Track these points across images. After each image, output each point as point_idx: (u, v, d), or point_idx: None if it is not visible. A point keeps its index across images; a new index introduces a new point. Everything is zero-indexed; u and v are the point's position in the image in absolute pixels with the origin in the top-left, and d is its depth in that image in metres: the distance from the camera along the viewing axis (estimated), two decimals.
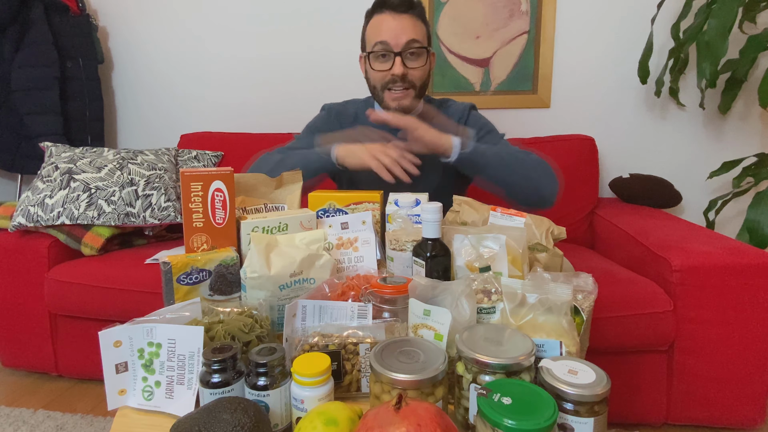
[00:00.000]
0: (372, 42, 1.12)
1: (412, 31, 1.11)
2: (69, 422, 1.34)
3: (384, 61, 1.12)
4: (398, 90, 1.13)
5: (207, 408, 0.48)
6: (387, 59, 1.12)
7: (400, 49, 1.10)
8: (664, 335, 1.18)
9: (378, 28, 1.12)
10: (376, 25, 1.13)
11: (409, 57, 1.11)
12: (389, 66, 1.11)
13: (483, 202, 0.88)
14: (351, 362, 0.59)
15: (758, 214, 1.32)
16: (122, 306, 1.39)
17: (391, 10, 1.11)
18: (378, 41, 1.10)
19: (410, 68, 1.12)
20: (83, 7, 2.02)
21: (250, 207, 0.88)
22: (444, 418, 0.43)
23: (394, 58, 1.10)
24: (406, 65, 1.11)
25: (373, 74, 1.15)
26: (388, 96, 1.15)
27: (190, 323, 0.62)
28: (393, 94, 1.14)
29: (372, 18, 1.15)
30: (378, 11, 1.13)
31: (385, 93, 1.15)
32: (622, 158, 1.89)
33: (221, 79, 2.14)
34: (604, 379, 0.49)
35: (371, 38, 1.13)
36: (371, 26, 1.15)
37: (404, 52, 1.10)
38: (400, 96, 1.14)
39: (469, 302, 0.59)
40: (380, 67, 1.13)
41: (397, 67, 1.10)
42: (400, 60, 1.10)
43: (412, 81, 1.13)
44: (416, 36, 1.11)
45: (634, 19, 1.80)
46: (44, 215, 1.47)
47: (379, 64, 1.13)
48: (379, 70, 1.13)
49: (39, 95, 1.87)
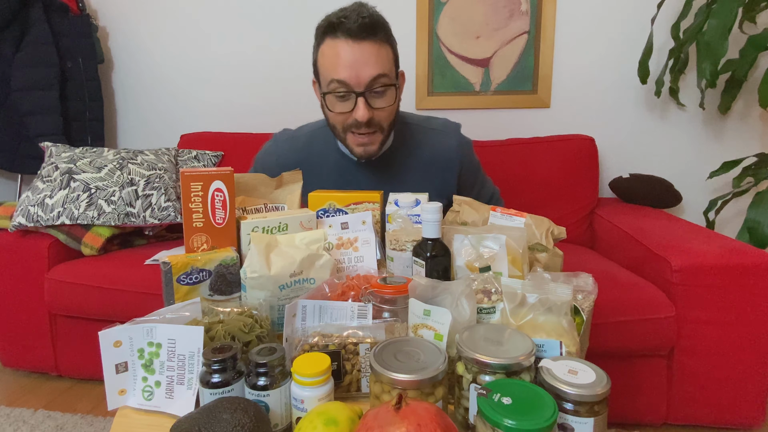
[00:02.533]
0: (327, 78, 0.91)
1: (376, 63, 0.88)
2: (69, 422, 1.34)
3: (343, 101, 0.92)
4: (363, 134, 0.94)
5: (207, 408, 0.48)
6: (347, 99, 0.91)
7: (363, 89, 0.89)
8: (665, 340, 1.18)
9: (333, 61, 0.89)
10: (330, 55, 0.90)
11: (374, 96, 0.91)
12: (350, 107, 0.91)
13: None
14: (351, 362, 0.59)
15: (758, 214, 1.32)
16: (122, 306, 1.39)
17: (347, 36, 0.87)
18: (334, 78, 0.89)
19: (376, 108, 0.92)
20: (83, 7, 2.03)
21: (250, 207, 0.88)
22: (444, 418, 0.43)
23: (356, 100, 0.90)
24: (371, 106, 0.91)
25: (332, 116, 0.95)
26: (352, 140, 0.96)
27: (190, 323, 0.62)
28: (358, 139, 0.95)
29: (324, 42, 0.91)
30: (330, 34, 0.89)
31: (348, 136, 0.96)
32: (622, 158, 1.89)
33: (221, 79, 2.14)
34: (604, 379, 0.49)
35: (325, 72, 0.92)
36: (324, 54, 0.92)
37: (368, 92, 0.90)
38: (366, 141, 0.96)
39: (469, 302, 0.59)
40: (340, 108, 0.93)
41: (360, 111, 0.90)
42: (364, 101, 0.90)
43: (379, 123, 0.94)
44: (382, 69, 0.89)
45: (634, 19, 1.80)
46: (44, 215, 1.47)
47: (338, 105, 0.93)
48: (339, 112, 0.93)
49: (39, 95, 1.87)
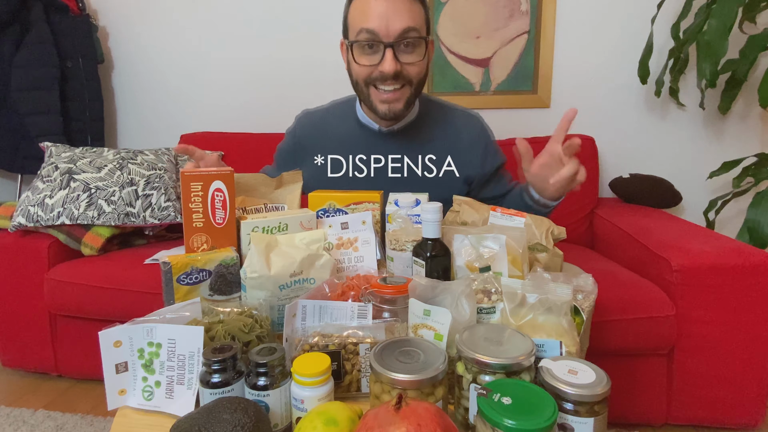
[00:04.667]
0: (356, 28, 0.90)
1: (408, 16, 0.88)
2: (69, 422, 1.34)
3: (371, 53, 0.91)
4: (388, 89, 0.92)
5: (207, 408, 0.48)
6: (375, 51, 0.90)
7: (392, 40, 0.88)
8: (665, 339, 1.18)
9: (364, 10, 0.88)
10: (361, 7, 0.89)
11: (403, 49, 0.90)
12: (377, 60, 0.90)
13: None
14: (351, 362, 0.59)
15: (758, 214, 1.32)
16: (122, 306, 1.39)
17: None
18: (363, 28, 0.88)
19: (405, 63, 0.90)
20: (83, 7, 2.02)
21: (250, 207, 0.88)
22: (444, 418, 0.43)
23: (384, 51, 0.89)
24: (399, 60, 0.89)
25: (357, 68, 0.93)
26: (376, 96, 0.94)
27: (190, 323, 0.62)
28: (382, 95, 0.94)
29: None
30: None
31: (371, 91, 0.95)
32: (622, 158, 1.89)
33: (221, 79, 2.14)
34: (604, 379, 0.49)
35: (355, 23, 0.91)
36: (355, 7, 0.91)
37: (397, 44, 0.88)
38: (392, 98, 0.93)
39: (469, 302, 0.59)
40: (366, 60, 0.91)
41: (387, 63, 0.88)
42: (392, 53, 0.88)
43: (408, 77, 0.92)
44: (413, 23, 0.88)
45: (634, 19, 1.80)
46: (44, 215, 1.47)
47: (364, 57, 0.91)
48: (365, 65, 0.92)
49: (39, 95, 1.87)
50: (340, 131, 1.09)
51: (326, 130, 1.09)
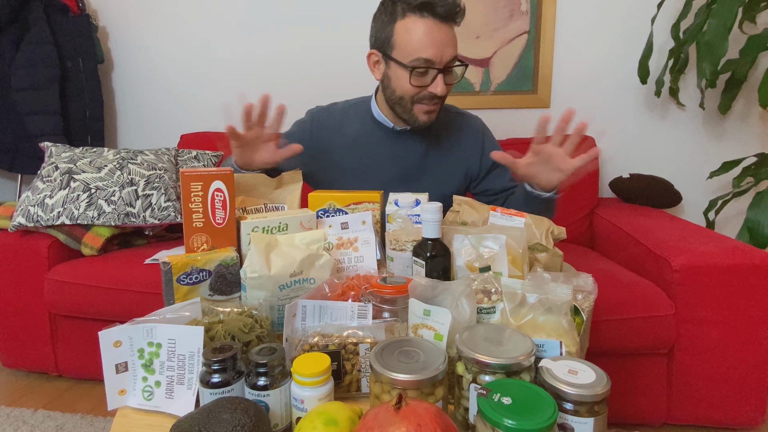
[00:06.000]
0: (411, 54, 0.96)
1: (454, 44, 0.98)
2: (69, 422, 1.34)
3: (422, 76, 0.99)
4: (433, 104, 1.03)
5: (207, 408, 0.48)
6: (425, 74, 0.99)
7: (443, 66, 0.97)
8: (665, 338, 1.18)
9: (421, 39, 0.95)
10: (417, 33, 0.95)
11: (448, 74, 1.00)
12: (428, 82, 0.99)
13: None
14: (351, 362, 0.59)
15: (758, 214, 1.32)
16: (122, 306, 1.39)
17: (436, 17, 0.95)
18: (421, 57, 0.95)
19: (447, 84, 1.01)
20: (83, 7, 2.02)
21: (250, 207, 0.88)
22: (444, 418, 0.43)
23: (435, 75, 0.98)
24: (445, 83, 0.99)
25: (407, 87, 1.00)
26: (420, 109, 1.03)
27: (190, 323, 0.62)
28: (425, 107, 1.03)
29: (406, 17, 0.96)
30: (417, 13, 0.95)
31: (415, 106, 1.03)
32: (622, 158, 1.89)
33: (221, 79, 2.14)
34: (604, 379, 0.49)
35: (409, 48, 0.96)
36: (406, 30, 0.96)
37: (446, 70, 0.99)
38: (433, 110, 1.04)
39: (469, 302, 0.59)
40: (419, 82, 0.99)
41: (439, 86, 0.98)
42: (442, 78, 0.98)
43: (444, 96, 1.03)
44: (456, 51, 0.98)
45: (634, 19, 1.80)
46: (44, 215, 1.47)
47: (417, 79, 0.99)
48: (416, 86, 0.99)
49: (39, 95, 1.87)
50: (355, 127, 1.16)
51: (343, 125, 1.16)
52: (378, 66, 1.06)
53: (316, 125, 1.17)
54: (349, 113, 1.18)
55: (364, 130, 1.15)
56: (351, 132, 1.16)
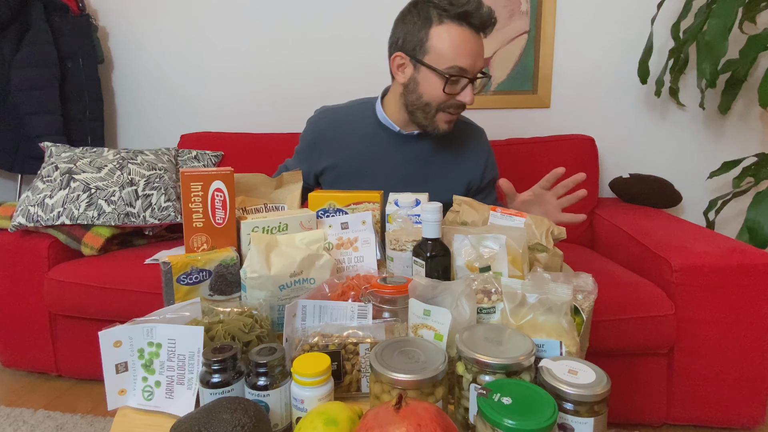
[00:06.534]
0: (448, 61, 0.95)
1: (483, 56, 0.99)
2: (69, 422, 1.34)
3: (455, 84, 0.98)
4: (455, 113, 1.03)
5: (207, 408, 0.48)
6: (457, 84, 0.98)
7: (474, 76, 0.98)
8: (665, 339, 1.18)
9: (460, 47, 0.95)
10: (457, 41, 0.95)
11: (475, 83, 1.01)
12: (458, 91, 0.99)
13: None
14: (351, 362, 0.59)
15: (758, 214, 1.32)
16: (122, 306, 1.39)
17: (471, 27, 0.95)
18: (457, 65, 0.95)
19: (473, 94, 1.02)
20: (83, 7, 2.02)
21: (250, 207, 0.88)
22: (444, 418, 0.43)
23: (466, 85, 0.98)
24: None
25: (438, 95, 0.99)
26: (443, 117, 1.03)
27: (190, 323, 0.62)
28: (448, 116, 1.03)
29: (443, 24, 0.95)
30: (456, 21, 0.95)
31: (439, 114, 1.03)
32: (622, 158, 1.89)
33: (221, 79, 2.14)
34: (604, 379, 0.49)
35: (447, 56, 0.95)
36: (442, 36, 0.95)
37: (475, 79, 0.99)
38: (454, 119, 1.05)
39: (469, 302, 0.59)
40: (451, 90, 0.98)
41: (468, 96, 0.98)
42: (472, 88, 0.99)
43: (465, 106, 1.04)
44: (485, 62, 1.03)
45: (634, 19, 1.80)
46: (44, 215, 1.47)
47: (451, 87, 0.98)
48: (450, 93, 0.99)
49: (39, 95, 1.87)
50: (360, 129, 1.15)
51: (347, 126, 1.16)
52: (403, 69, 1.03)
53: (322, 124, 1.18)
54: (353, 115, 1.18)
55: (368, 133, 1.15)
56: (354, 134, 1.15)
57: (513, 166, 1.73)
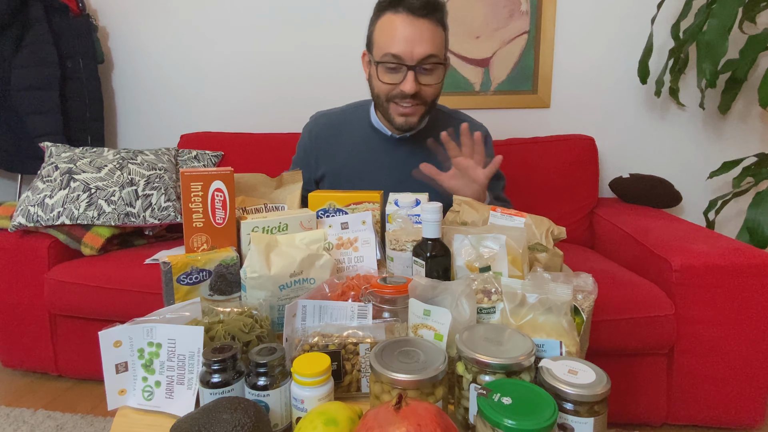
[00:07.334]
0: (382, 50, 0.96)
1: (430, 42, 0.94)
2: (69, 422, 1.34)
3: (393, 73, 0.97)
4: (407, 105, 1.00)
5: (207, 408, 0.48)
6: (397, 71, 0.97)
7: (414, 63, 0.94)
8: (664, 339, 1.18)
9: (391, 34, 0.94)
10: (388, 29, 0.95)
11: (423, 72, 0.96)
12: (399, 79, 0.96)
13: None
14: (351, 362, 0.59)
15: (758, 214, 1.32)
16: (122, 306, 1.39)
17: (408, 11, 0.93)
18: (389, 52, 0.94)
19: (423, 84, 0.97)
20: (83, 7, 2.02)
21: (250, 207, 0.88)
22: (444, 418, 0.43)
23: (406, 73, 0.95)
24: (419, 81, 0.96)
25: (379, 85, 1.00)
26: (394, 109, 1.02)
27: (190, 323, 0.62)
28: (400, 109, 1.01)
29: (383, 15, 0.97)
30: (391, 9, 0.95)
31: (390, 106, 1.02)
32: (622, 158, 1.89)
33: (221, 79, 2.14)
34: (604, 379, 0.49)
35: (381, 44, 0.96)
36: (382, 27, 0.97)
37: (418, 67, 0.95)
38: (409, 112, 1.01)
39: (469, 302, 0.59)
40: (389, 79, 0.97)
41: (408, 84, 0.95)
42: (413, 76, 0.95)
43: (423, 98, 1.00)
44: (434, 49, 0.94)
45: (634, 19, 1.80)
46: (44, 215, 1.47)
47: (387, 76, 0.97)
48: (387, 83, 0.98)
49: (39, 95, 1.87)
50: (354, 134, 1.14)
51: (341, 131, 1.15)
52: (367, 66, 1.06)
53: (316, 131, 1.17)
54: (348, 120, 1.17)
55: (363, 137, 1.13)
56: (349, 139, 1.14)
57: (513, 166, 1.73)
